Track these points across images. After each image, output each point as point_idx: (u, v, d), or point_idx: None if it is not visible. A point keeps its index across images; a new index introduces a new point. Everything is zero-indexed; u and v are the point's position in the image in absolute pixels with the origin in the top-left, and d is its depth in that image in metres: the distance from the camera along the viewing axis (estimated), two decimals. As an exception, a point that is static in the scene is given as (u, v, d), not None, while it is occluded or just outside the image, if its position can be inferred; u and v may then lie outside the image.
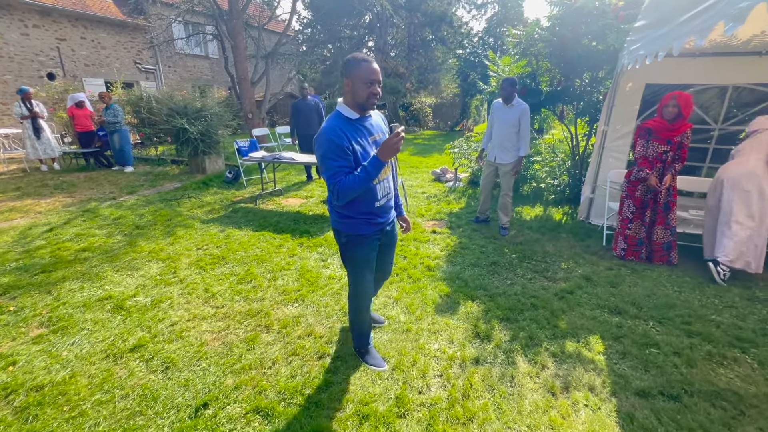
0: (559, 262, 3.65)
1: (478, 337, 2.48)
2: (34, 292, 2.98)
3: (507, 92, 3.99)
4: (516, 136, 4.03)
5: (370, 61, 1.67)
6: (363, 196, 1.80)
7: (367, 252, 1.96)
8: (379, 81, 1.69)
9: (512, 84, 3.99)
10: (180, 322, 2.62)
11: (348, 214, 1.86)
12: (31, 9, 11.35)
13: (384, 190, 1.88)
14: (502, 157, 4.17)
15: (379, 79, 1.68)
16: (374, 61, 1.69)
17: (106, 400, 1.93)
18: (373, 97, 1.69)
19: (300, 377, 2.10)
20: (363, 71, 1.66)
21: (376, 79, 1.67)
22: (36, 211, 4.93)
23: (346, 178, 1.65)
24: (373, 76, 1.66)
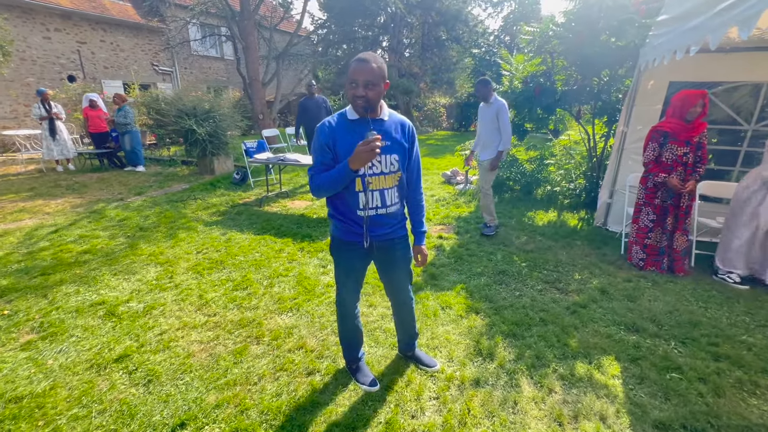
0: (573, 273, 3.43)
1: (480, 355, 2.30)
2: (30, 296, 2.95)
3: (481, 92, 4.06)
4: (497, 133, 4.07)
5: (362, 60, 1.51)
6: (344, 199, 1.70)
7: (347, 259, 1.86)
8: (365, 81, 1.50)
9: (485, 84, 4.02)
10: (170, 330, 2.53)
11: (333, 212, 1.79)
12: (52, 13, 11.67)
13: (372, 202, 1.68)
14: (482, 154, 4.25)
15: (361, 80, 1.50)
16: (370, 61, 1.51)
17: (82, 415, 1.84)
18: (357, 99, 1.53)
19: (286, 395, 1.97)
20: (350, 71, 1.54)
21: (357, 79, 1.51)
22: (45, 211, 4.98)
23: (319, 175, 1.64)
24: (353, 76, 1.51)
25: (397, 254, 1.88)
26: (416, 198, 1.88)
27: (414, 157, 1.78)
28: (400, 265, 1.94)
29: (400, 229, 1.86)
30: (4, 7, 10.69)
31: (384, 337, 2.48)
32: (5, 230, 4.27)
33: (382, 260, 1.90)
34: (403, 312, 2.12)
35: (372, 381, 2.03)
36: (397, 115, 1.73)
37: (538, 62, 5.14)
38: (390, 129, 1.65)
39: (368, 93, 1.53)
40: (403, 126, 1.71)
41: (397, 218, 1.81)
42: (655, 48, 3.13)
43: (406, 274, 2.00)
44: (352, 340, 2.07)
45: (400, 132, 1.69)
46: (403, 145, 1.68)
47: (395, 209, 1.75)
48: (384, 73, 1.57)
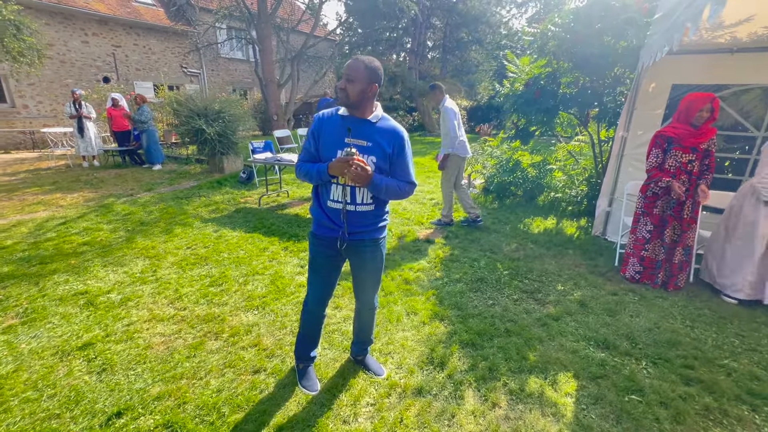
0: (556, 283, 3.29)
1: (431, 364, 2.25)
2: (24, 283, 3.15)
3: (432, 99, 4.39)
4: (446, 136, 4.30)
5: (356, 59, 1.63)
6: (321, 187, 1.78)
7: (316, 254, 1.88)
8: (347, 75, 1.60)
9: (432, 88, 4.35)
10: (138, 322, 2.63)
11: (313, 205, 1.84)
12: (91, 18, 12.44)
13: (343, 196, 1.70)
14: (439, 155, 4.48)
15: (345, 73, 1.62)
16: (362, 60, 1.61)
17: (34, 398, 1.95)
18: (339, 92, 1.63)
19: (226, 392, 2.00)
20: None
21: (344, 73, 1.63)
22: (59, 204, 5.31)
23: (303, 164, 1.75)
24: (344, 71, 1.64)
25: (366, 256, 1.87)
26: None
27: (398, 164, 1.74)
28: (367, 268, 1.92)
29: (372, 232, 1.83)
30: (49, 14, 11.51)
31: (340, 339, 2.47)
32: (20, 221, 4.59)
33: (352, 260, 1.90)
34: (364, 316, 2.10)
35: (312, 384, 2.03)
36: (390, 122, 1.73)
37: (543, 64, 4.98)
38: (374, 131, 1.67)
39: (347, 87, 1.59)
40: (393, 133, 1.70)
41: (368, 219, 1.78)
42: (648, 48, 2.96)
43: (373, 280, 1.98)
44: (307, 339, 2.07)
45: (387, 137, 1.69)
46: (384, 150, 1.68)
47: (366, 209, 1.75)
48: (373, 75, 1.61)
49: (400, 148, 1.72)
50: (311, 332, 2.05)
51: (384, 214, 1.86)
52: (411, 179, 1.79)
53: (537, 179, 5.83)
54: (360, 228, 1.79)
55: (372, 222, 1.81)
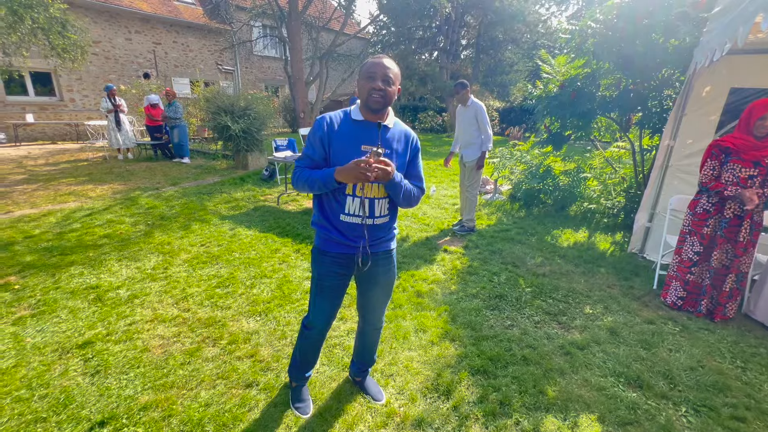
0: (583, 305, 2.99)
1: (436, 391, 2.05)
2: (42, 274, 3.21)
3: (459, 95, 4.26)
4: (477, 133, 4.24)
5: (380, 57, 1.47)
6: (330, 202, 1.58)
7: (323, 272, 1.69)
8: (384, 75, 1.42)
9: (463, 86, 4.24)
10: (140, 322, 2.59)
11: (316, 218, 1.65)
12: (134, 17, 12.99)
13: (359, 209, 1.55)
14: (466, 154, 4.37)
15: (380, 73, 1.42)
16: (390, 60, 1.47)
17: (25, 398, 1.92)
18: (374, 93, 1.42)
19: (214, 407, 1.89)
20: (365, 67, 1.48)
21: (376, 72, 1.42)
22: (89, 195, 5.49)
23: (303, 170, 1.55)
24: (372, 70, 1.44)
25: (379, 270, 1.70)
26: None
27: (413, 168, 1.65)
28: (380, 283, 1.76)
29: (386, 243, 1.70)
30: (96, 12, 12.11)
31: (341, 355, 2.32)
32: (50, 211, 4.76)
33: (365, 276, 1.72)
34: (368, 336, 1.93)
35: (305, 406, 1.88)
36: (402, 125, 1.62)
37: (580, 64, 4.61)
38: (392, 138, 1.55)
39: (386, 88, 1.43)
40: (407, 137, 1.60)
41: (383, 231, 1.65)
42: (704, 47, 2.61)
43: (384, 296, 1.82)
44: (305, 361, 1.90)
45: (403, 143, 1.58)
46: (401, 156, 1.57)
47: (383, 222, 1.62)
48: (399, 77, 1.51)
49: (415, 152, 1.64)
50: (309, 356, 1.88)
51: (394, 223, 1.74)
52: (423, 186, 1.67)
53: (569, 188, 5.45)
54: (376, 242, 1.65)
55: (386, 233, 1.69)
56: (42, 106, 11.63)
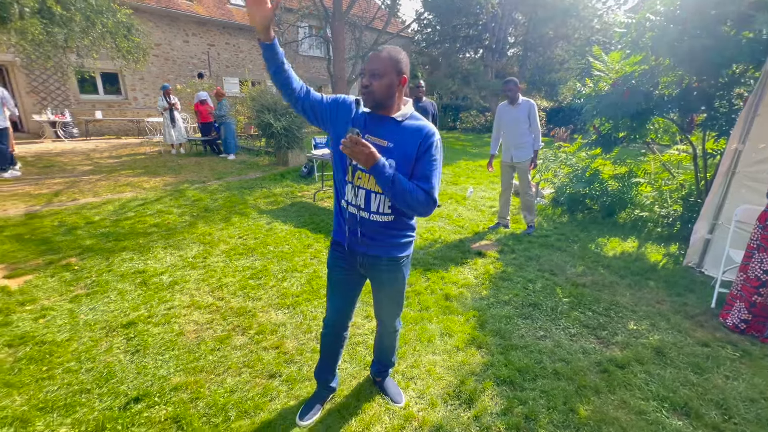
0: (627, 320, 2.77)
1: (458, 398, 1.98)
2: (98, 257, 3.50)
3: (513, 93, 4.15)
4: (528, 133, 4.16)
5: (378, 49, 1.41)
6: (338, 183, 1.57)
7: (332, 264, 1.70)
8: (371, 70, 1.37)
9: (514, 83, 4.14)
10: (178, 307, 2.74)
11: (335, 200, 1.65)
12: (191, 20, 13.85)
13: (356, 199, 1.50)
14: (518, 155, 4.25)
15: (368, 69, 1.38)
16: (385, 50, 1.40)
17: (74, 369, 2.09)
18: (363, 90, 1.40)
19: (238, 394, 1.95)
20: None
21: (365, 68, 1.40)
22: (143, 187, 5.92)
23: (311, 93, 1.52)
24: (366, 66, 1.40)
25: (383, 277, 1.66)
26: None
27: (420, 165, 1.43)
28: (384, 290, 1.73)
29: (390, 249, 1.59)
30: (159, 17, 13.04)
31: (363, 353, 2.31)
32: (109, 200, 5.18)
33: (370, 278, 1.71)
34: (384, 338, 1.91)
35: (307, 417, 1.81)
36: (418, 119, 1.47)
37: (637, 60, 4.28)
38: (398, 130, 1.44)
39: (373, 83, 1.36)
40: (419, 131, 1.43)
41: (385, 232, 1.55)
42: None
43: (391, 304, 1.78)
44: (324, 360, 1.88)
45: (413, 137, 1.42)
46: (407, 152, 1.42)
47: (382, 219, 1.51)
48: (400, 66, 1.38)
49: (426, 148, 1.42)
50: (328, 353, 1.86)
51: (407, 229, 1.61)
52: (430, 190, 1.42)
53: (619, 193, 5.08)
54: (375, 242, 1.57)
55: (390, 236, 1.57)
56: (109, 103, 12.73)
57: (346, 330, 1.83)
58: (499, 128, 4.39)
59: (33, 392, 1.92)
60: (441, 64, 16.69)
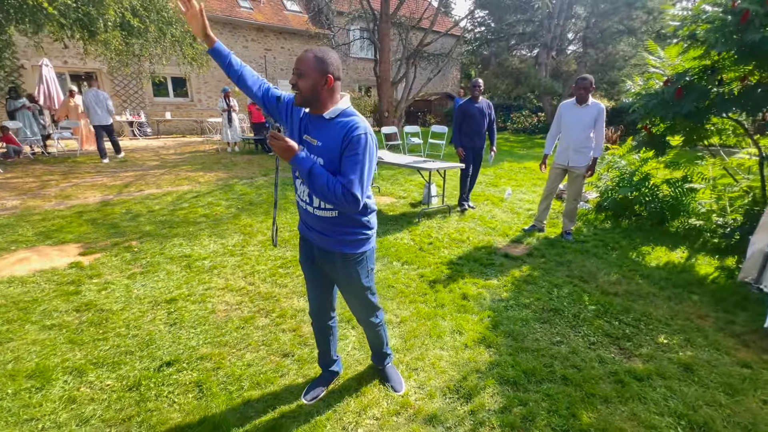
0: (658, 333, 2.60)
1: (456, 392, 2.02)
2: (154, 241, 3.95)
3: (586, 92, 3.87)
4: (590, 138, 3.93)
5: (304, 51, 1.48)
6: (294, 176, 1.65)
7: (301, 258, 1.83)
8: (296, 70, 1.44)
9: (593, 84, 3.89)
10: (214, 288, 3.04)
11: None
12: (251, 27, 14.84)
13: (302, 193, 1.61)
14: (576, 159, 4.02)
15: (296, 68, 1.44)
16: (311, 51, 1.44)
17: (123, 334, 2.42)
18: (292, 87, 1.49)
19: (254, 368, 2.15)
20: None
21: (294, 68, 1.46)
22: (198, 181, 6.51)
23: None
24: (294, 66, 1.48)
25: (337, 273, 1.72)
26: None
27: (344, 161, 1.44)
28: (343, 288, 1.79)
29: (340, 245, 1.63)
30: (222, 24, 14.14)
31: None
32: (168, 191, 5.79)
33: (326, 272, 1.76)
34: (366, 332, 2.01)
35: (310, 396, 1.94)
36: (350, 116, 1.48)
37: (696, 54, 3.93)
38: (327, 128, 1.48)
39: (298, 83, 1.43)
40: (345, 127, 1.43)
41: (331, 228, 1.60)
42: None
43: (356, 303, 1.83)
44: (319, 348, 2.00)
45: (339, 134, 1.44)
46: (332, 150, 1.45)
47: (326, 215, 1.58)
48: (324, 66, 1.42)
49: (347, 143, 1.41)
50: (319, 341, 1.98)
51: (357, 226, 1.62)
52: (348, 184, 1.40)
53: (672, 199, 4.69)
54: (324, 237, 1.62)
55: (337, 233, 1.61)
56: (178, 105, 14.05)
57: (330, 320, 1.92)
58: (558, 127, 4.15)
59: (90, 350, 2.27)
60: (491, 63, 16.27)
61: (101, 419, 1.79)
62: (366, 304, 1.83)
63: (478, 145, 5.04)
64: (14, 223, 4.30)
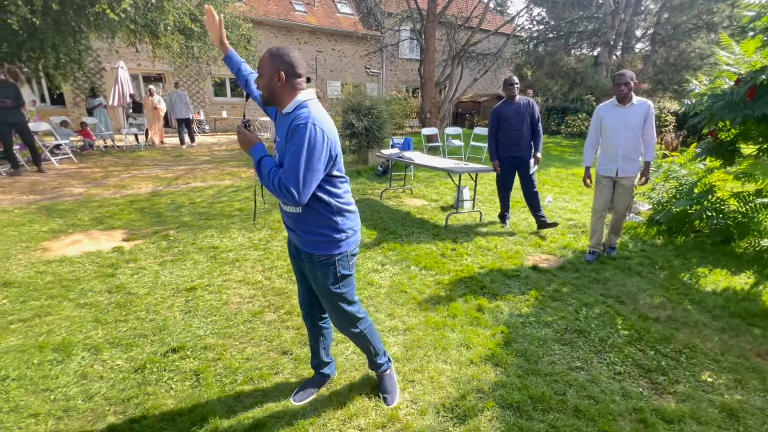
0: (702, 370, 2.26)
1: (451, 411, 1.88)
2: (189, 231, 4.19)
3: (627, 89, 3.36)
4: (640, 141, 3.45)
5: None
6: None
7: (289, 252, 1.84)
8: (257, 70, 1.51)
9: (633, 79, 3.41)
10: (232, 280, 3.14)
11: None
12: (304, 30, 15.38)
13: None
14: (625, 168, 3.50)
15: (257, 68, 1.51)
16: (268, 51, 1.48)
17: (142, 318, 2.57)
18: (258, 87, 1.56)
19: (251, 362, 2.18)
20: None
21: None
22: (239, 176, 6.83)
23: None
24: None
25: (307, 271, 1.69)
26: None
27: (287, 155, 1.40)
28: (315, 289, 1.72)
29: (306, 244, 1.60)
30: (277, 28, 14.82)
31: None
32: (211, 185, 6.13)
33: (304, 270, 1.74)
34: (352, 341, 1.93)
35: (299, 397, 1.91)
36: (301, 109, 1.45)
37: (779, 50, 3.40)
38: (282, 125, 1.49)
39: (258, 82, 1.52)
40: (291, 121, 1.43)
41: (298, 226, 1.59)
42: None
43: (328, 307, 1.75)
44: (310, 347, 1.98)
45: (287, 128, 1.44)
46: (282, 145, 1.47)
47: (291, 211, 1.58)
48: (276, 62, 1.44)
49: (291, 134, 1.39)
50: (310, 341, 1.95)
51: (321, 226, 1.56)
52: (286, 179, 1.37)
53: (741, 216, 4.10)
54: (293, 233, 1.64)
55: (302, 231, 1.58)
56: (233, 104, 14.93)
57: (320, 320, 1.88)
58: (597, 135, 3.65)
59: (110, 330, 2.43)
60: (545, 63, 15.42)
61: (104, 397, 1.90)
62: (339, 313, 1.73)
63: (518, 153, 4.37)
64: (76, 209, 4.79)
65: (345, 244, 1.63)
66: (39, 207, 4.79)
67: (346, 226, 1.61)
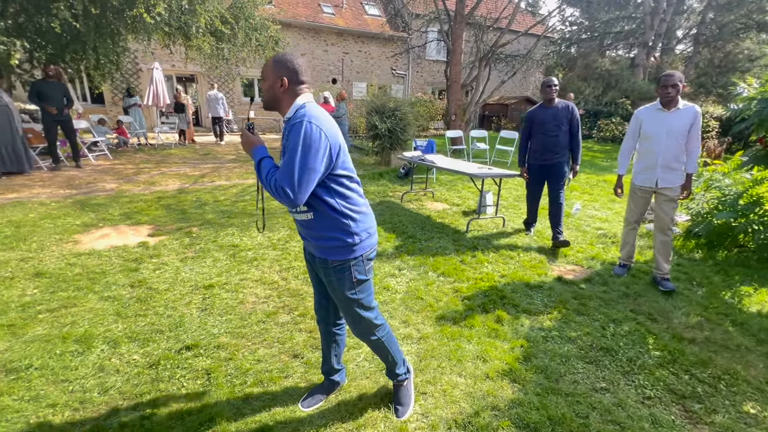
0: (743, 399, 2.07)
1: (464, 428, 1.80)
2: (211, 229, 4.27)
3: (672, 90, 2.98)
4: (683, 150, 3.10)
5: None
6: None
7: (305, 257, 1.81)
8: (261, 75, 1.55)
9: (681, 80, 3.01)
10: (249, 279, 3.16)
11: None
12: (331, 31, 15.53)
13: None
14: (666, 179, 3.15)
15: (261, 74, 1.55)
16: (272, 58, 1.54)
17: (160, 313, 2.62)
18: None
19: (262, 364, 2.16)
20: None
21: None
22: (264, 175, 6.93)
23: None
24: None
25: (321, 276, 1.67)
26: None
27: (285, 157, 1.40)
28: (332, 295, 1.69)
29: (320, 250, 1.57)
30: (305, 30, 15.03)
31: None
32: (236, 184, 6.25)
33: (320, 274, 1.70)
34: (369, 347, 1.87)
35: (307, 403, 1.88)
36: (299, 110, 1.45)
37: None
38: (286, 130, 1.49)
39: (262, 86, 1.55)
40: (290, 128, 1.43)
41: (311, 231, 1.56)
42: None
43: (344, 313, 1.71)
44: (322, 352, 1.93)
45: (287, 133, 1.45)
46: (284, 147, 1.46)
47: (302, 217, 1.55)
48: (279, 68, 1.47)
49: (288, 134, 1.43)
50: (322, 345, 1.91)
51: (334, 231, 1.51)
52: (282, 179, 1.35)
53: (792, 230, 3.76)
54: (307, 240, 1.63)
55: (314, 237, 1.56)
56: (261, 105, 15.25)
57: (334, 326, 1.85)
58: (634, 141, 3.33)
59: (129, 324, 2.49)
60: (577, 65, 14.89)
61: (119, 391, 1.94)
62: (356, 319, 1.68)
63: (550, 161, 4.01)
64: (107, 204, 4.98)
65: (359, 248, 1.58)
66: (74, 201, 5.02)
67: (358, 229, 1.56)
